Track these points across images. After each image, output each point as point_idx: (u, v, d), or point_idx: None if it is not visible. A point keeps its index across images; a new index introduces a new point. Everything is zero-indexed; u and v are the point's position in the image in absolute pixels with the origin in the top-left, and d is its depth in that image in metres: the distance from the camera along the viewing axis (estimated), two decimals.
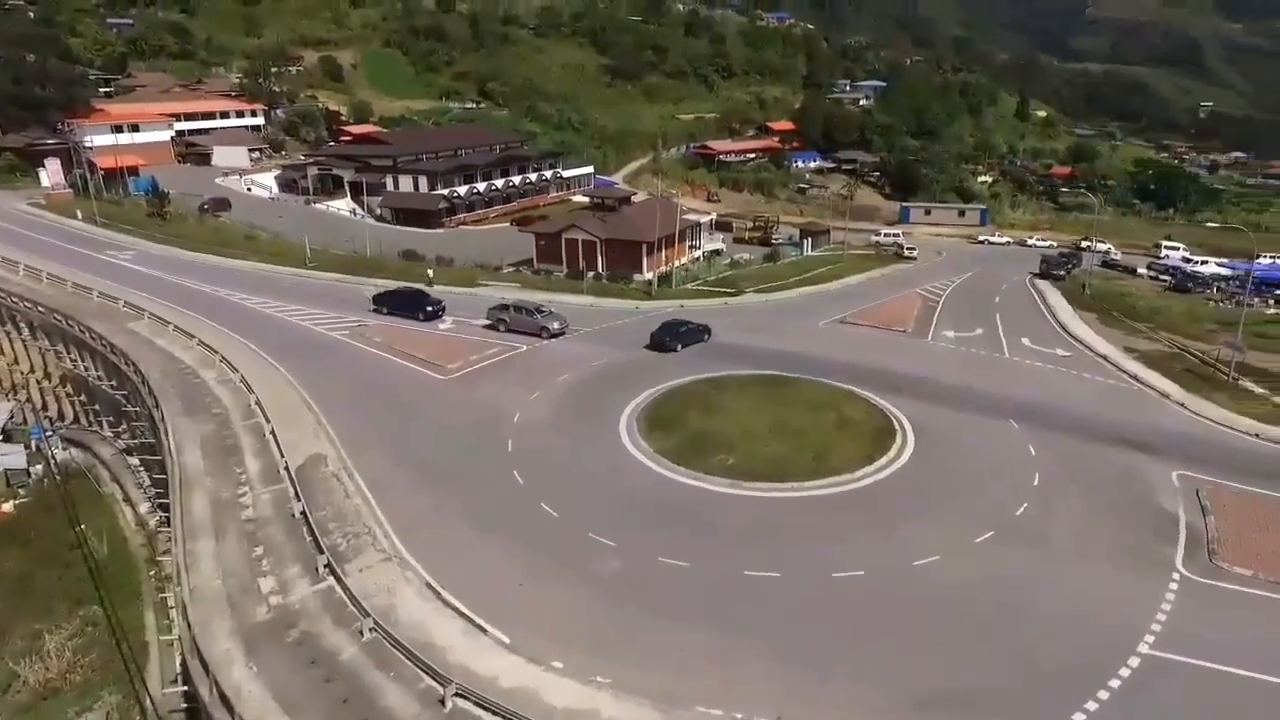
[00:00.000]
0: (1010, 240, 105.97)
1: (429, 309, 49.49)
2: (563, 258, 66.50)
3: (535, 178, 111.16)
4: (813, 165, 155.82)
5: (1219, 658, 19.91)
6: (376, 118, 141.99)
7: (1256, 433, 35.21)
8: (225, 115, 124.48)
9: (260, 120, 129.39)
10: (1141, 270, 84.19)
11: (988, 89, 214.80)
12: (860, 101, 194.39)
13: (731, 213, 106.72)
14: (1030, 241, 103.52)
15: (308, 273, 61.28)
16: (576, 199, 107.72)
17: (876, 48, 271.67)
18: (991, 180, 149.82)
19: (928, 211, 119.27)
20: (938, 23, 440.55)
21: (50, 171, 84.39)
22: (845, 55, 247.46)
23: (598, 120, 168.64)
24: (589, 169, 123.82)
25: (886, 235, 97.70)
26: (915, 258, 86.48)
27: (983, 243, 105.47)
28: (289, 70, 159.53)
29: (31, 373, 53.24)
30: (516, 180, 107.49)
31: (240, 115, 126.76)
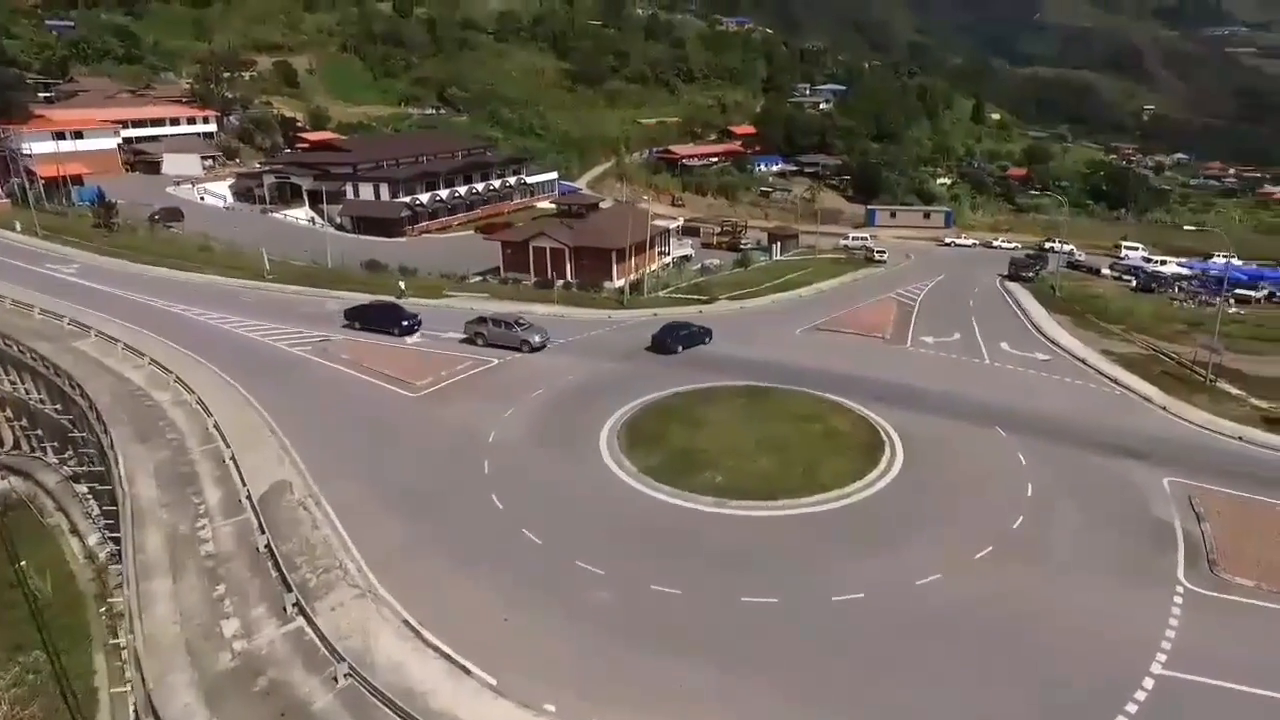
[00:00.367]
0: (976, 242, 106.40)
1: (405, 323, 47.43)
2: (530, 266, 65.08)
3: (499, 184, 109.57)
4: (775, 169, 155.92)
5: (1233, 676, 19.33)
6: (334, 124, 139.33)
7: (1240, 435, 35.21)
8: (176, 122, 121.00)
9: (213, 127, 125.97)
10: (1105, 271, 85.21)
11: (944, 92, 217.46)
12: (820, 105, 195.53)
13: (698, 217, 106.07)
14: (996, 243, 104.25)
15: (267, 285, 59.16)
16: (541, 205, 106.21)
17: (834, 52, 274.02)
18: (951, 182, 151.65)
19: (893, 214, 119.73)
20: (893, 26, 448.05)
21: None
22: (804, 59, 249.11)
23: (559, 125, 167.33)
24: (553, 175, 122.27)
25: (855, 239, 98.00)
26: (885, 261, 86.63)
27: (949, 245, 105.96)
28: (242, 76, 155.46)
29: None
30: (480, 187, 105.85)
31: (192, 122, 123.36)
